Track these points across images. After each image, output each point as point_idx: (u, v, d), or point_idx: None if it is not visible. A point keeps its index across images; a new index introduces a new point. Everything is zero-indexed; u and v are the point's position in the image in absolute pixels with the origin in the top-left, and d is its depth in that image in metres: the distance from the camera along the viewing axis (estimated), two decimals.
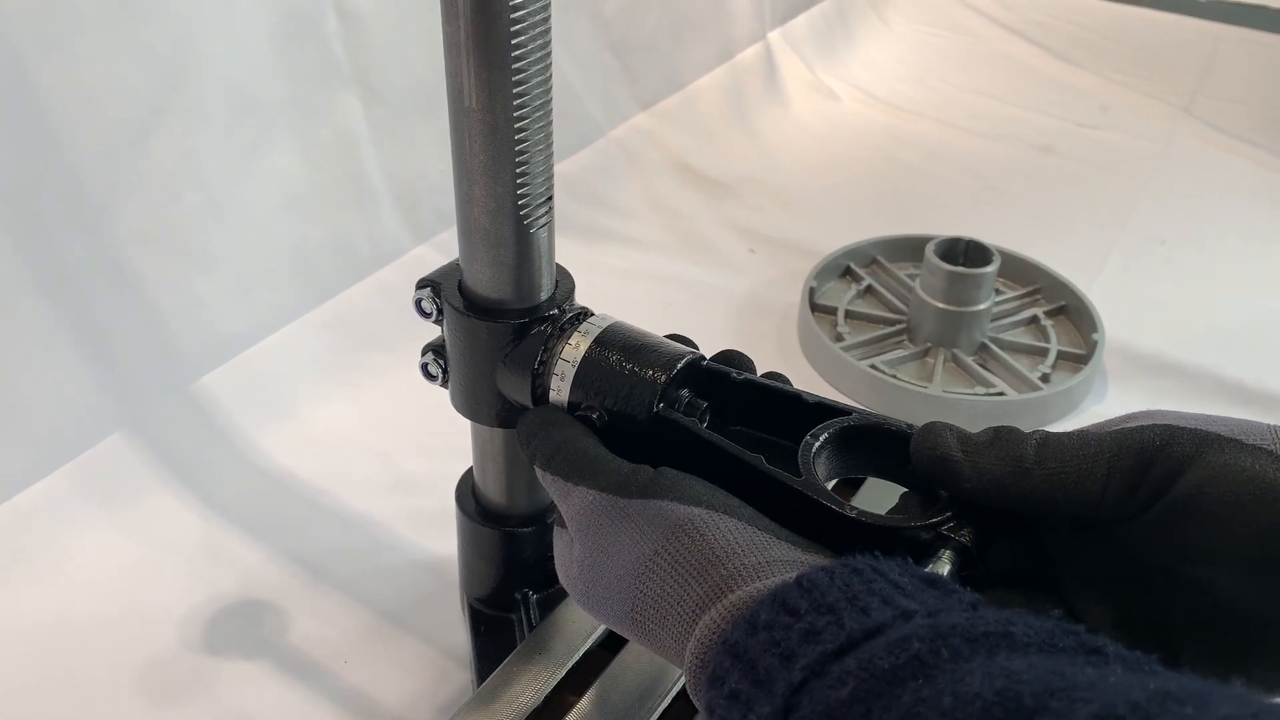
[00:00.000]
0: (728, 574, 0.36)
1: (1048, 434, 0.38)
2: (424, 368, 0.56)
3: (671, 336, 0.50)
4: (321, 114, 0.83)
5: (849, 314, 0.94)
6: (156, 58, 0.71)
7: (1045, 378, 0.87)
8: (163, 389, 0.75)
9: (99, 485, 0.71)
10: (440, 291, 0.53)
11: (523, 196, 0.48)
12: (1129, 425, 0.37)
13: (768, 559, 0.36)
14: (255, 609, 0.66)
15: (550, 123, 0.48)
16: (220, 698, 0.61)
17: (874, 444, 0.44)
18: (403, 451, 0.78)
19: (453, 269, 0.54)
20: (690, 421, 0.45)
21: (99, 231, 0.70)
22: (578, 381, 0.48)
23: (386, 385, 0.83)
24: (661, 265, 1.01)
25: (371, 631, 0.65)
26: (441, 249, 0.92)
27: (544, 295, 0.52)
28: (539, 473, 0.46)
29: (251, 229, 0.80)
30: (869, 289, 0.98)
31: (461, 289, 0.52)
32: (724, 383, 0.47)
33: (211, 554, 0.69)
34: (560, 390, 0.48)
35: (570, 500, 0.43)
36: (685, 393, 0.47)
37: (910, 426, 0.42)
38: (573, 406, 0.48)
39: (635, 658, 0.57)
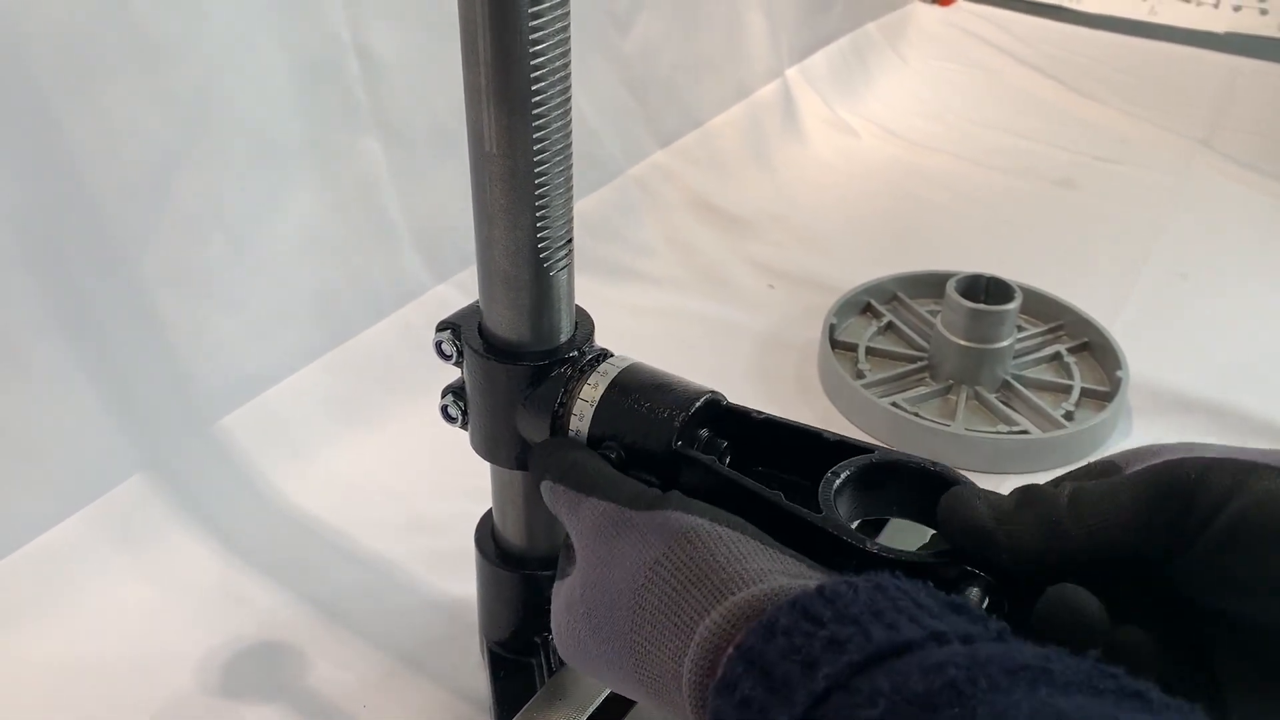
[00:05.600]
0: (728, 577, 0.35)
1: (1077, 487, 0.37)
2: (444, 409, 0.55)
3: None
4: (342, 156, 0.84)
5: (870, 351, 0.94)
6: (179, 101, 0.72)
7: (1069, 415, 0.86)
8: (183, 430, 0.75)
9: (118, 527, 0.71)
10: (460, 334, 0.53)
11: (542, 240, 0.48)
12: (1157, 461, 0.37)
13: (771, 566, 0.36)
14: (273, 652, 0.66)
15: (570, 167, 0.49)
16: None
17: (897, 483, 0.44)
18: (421, 493, 0.78)
19: (472, 311, 0.54)
20: (709, 459, 0.45)
21: (120, 273, 0.71)
22: (596, 422, 0.48)
23: (406, 425, 0.82)
24: (680, 302, 1.01)
25: (390, 675, 0.64)
26: (462, 288, 0.93)
27: (564, 337, 0.52)
28: (548, 491, 0.46)
29: (272, 270, 0.80)
30: (890, 326, 0.97)
31: (481, 331, 0.52)
32: (744, 421, 0.47)
33: (230, 596, 0.69)
34: (579, 432, 0.48)
35: (580, 512, 0.43)
36: (704, 432, 0.47)
37: (934, 465, 0.42)
38: (593, 441, 0.48)
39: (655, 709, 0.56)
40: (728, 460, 0.47)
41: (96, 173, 0.68)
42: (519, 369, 0.50)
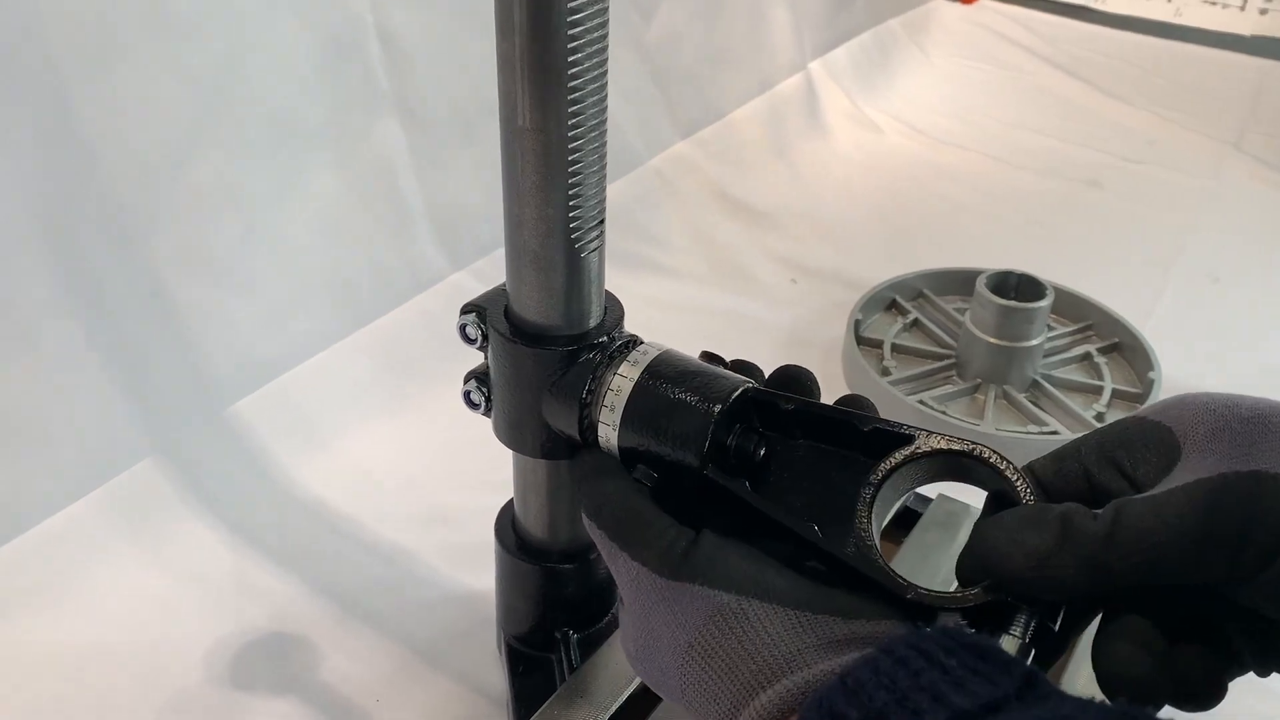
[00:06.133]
0: (759, 668, 0.35)
1: (1118, 510, 0.34)
2: (466, 395, 0.54)
3: (735, 364, 0.48)
4: (362, 138, 0.82)
5: (895, 348, 0.92)
6: (197, 81, 0.70)
7: (1100, 417, 0.84)
8: (195, 415, 0.74)
9: (128, 512, 0.69)
10: (485, 317, 0.51)
11: (574, 220, 0.46)
12: (1204, 465, 0.35)
13: (802, 645, 0.35)
14: (285, 643, 0.64)
15: (604, 144, 0.47)
16: None
17: (942, 469, 0.42)
18: (437, 483, 0.76)
19: (498, 294, 0.52)
20: (737, 485, 0.43)
21: (135, 255, 0.69)
22: (628, 413, 0.46)
23: (422, 414, 0.81)
24: (702, 295, 0.99)
25: (405, 669, 0.62)
26: (480, 276, 0.91)
27: (593, 322, 0.50)
28: (588, 524, 0.44)
29: (289, 253, 0.78)
30: (915, 323, 0.95)
31: (508, 314, 0.50)
32: (774, 411, 0.45)
33: (241, 585, 0.67)
34: (610, 422, 0.46)
35: (617, 567, 0.42)
36: (739, 428, 0.45)
37: (973, 447, 0.40)
38: (625, 453, 0.46)
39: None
40: (763, 451, 0.45)
41: (112, 150, 0.66)
42: (547, 354, 0.48)
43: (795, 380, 0.47)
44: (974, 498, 0.59)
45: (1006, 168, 1.27)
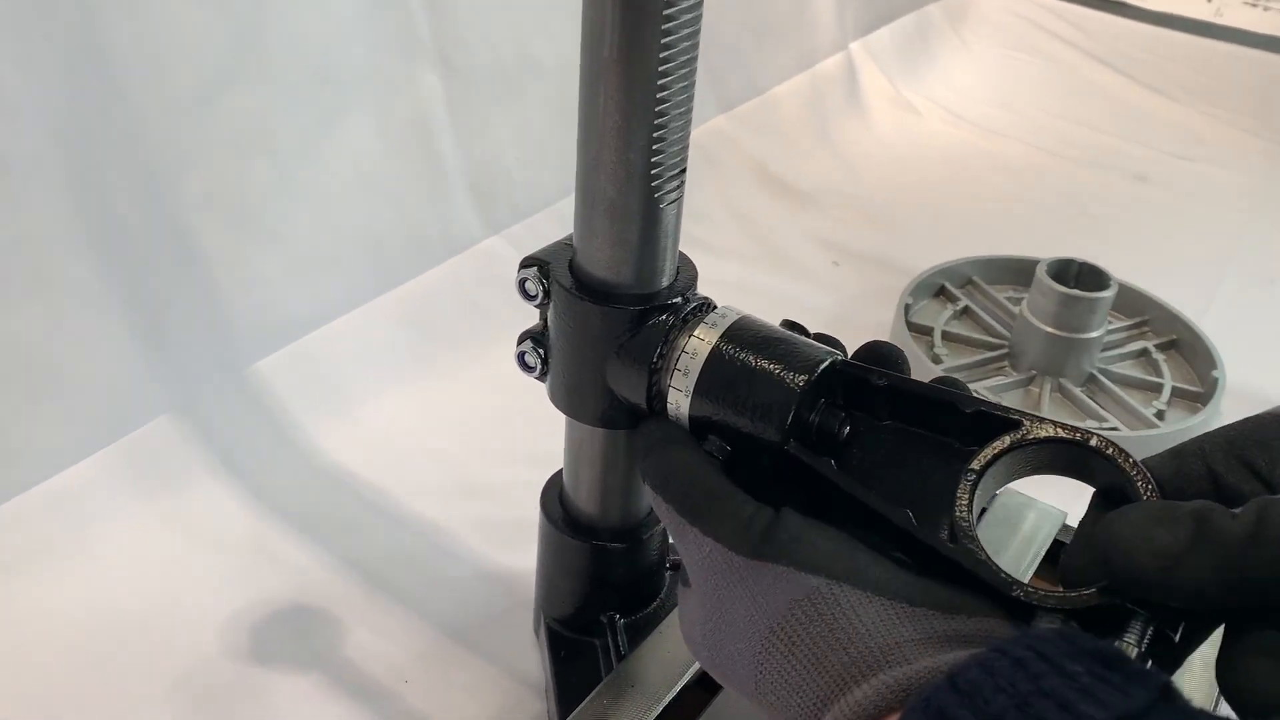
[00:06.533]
0: (851, 660, 0.32)
1: (1263, 510, 0.30)
2: (520, 357, 0.50)
3: (817, 337, 0.44)
4: (400, 88, 0.78)
5: (946, 335, 0.88)
6: (233, 16, 0.66)
7: (1160, 415, 0.80)
8: (216, 371, 0.70)
9: (142, 471, 0.65)
10: (549, 271, 0.47)
11: (656, 165, 0.42)
12: None
13: (900, 638, 0.32)
14: (306, 617, 0.60)
15: (693, 84, 0.43)
16: (265, 714, 0.55)
17: (1050, 461, 0.38)
18: (469, 454, 0.72)
19: (561, 248, 0.48)
20: (823, 464, 0.39)
21: (160, 197, 0.65)
22: (704, 379, 0.42)
23: (454, 381, 0.77)
24: (742, 274, 0.95)
25: (435, 649, 0.58)
26: (514, 243, 0.86)
27: (665, 281, 0.46)
28: (653, 498, 0.41)
29: (320, 205, 0.74)
30: (965, 311, 0.91)
31: (573, 269, 0.46)
32: (864, 388, 0.41)
33: (260, 552, 0.63)
34: (683, 390, 0.42)
35: (687, 543, 0.38)
36: (823, 403, 0.41)
37: (1088, 436, 0.36)
38: (696, 423, 0.42)
39: (739, 697, 0.50)
40: (847, 430, 0.41)
41: (141, 87, 0.62)
42: (616, 312, 0.44)
43: (885, 358, 0.43)
44: (1038, 491, 0.55)
45: (1051, 158, 1.23)
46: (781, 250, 1.00)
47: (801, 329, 0.45)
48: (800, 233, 1.03)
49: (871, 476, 0.40)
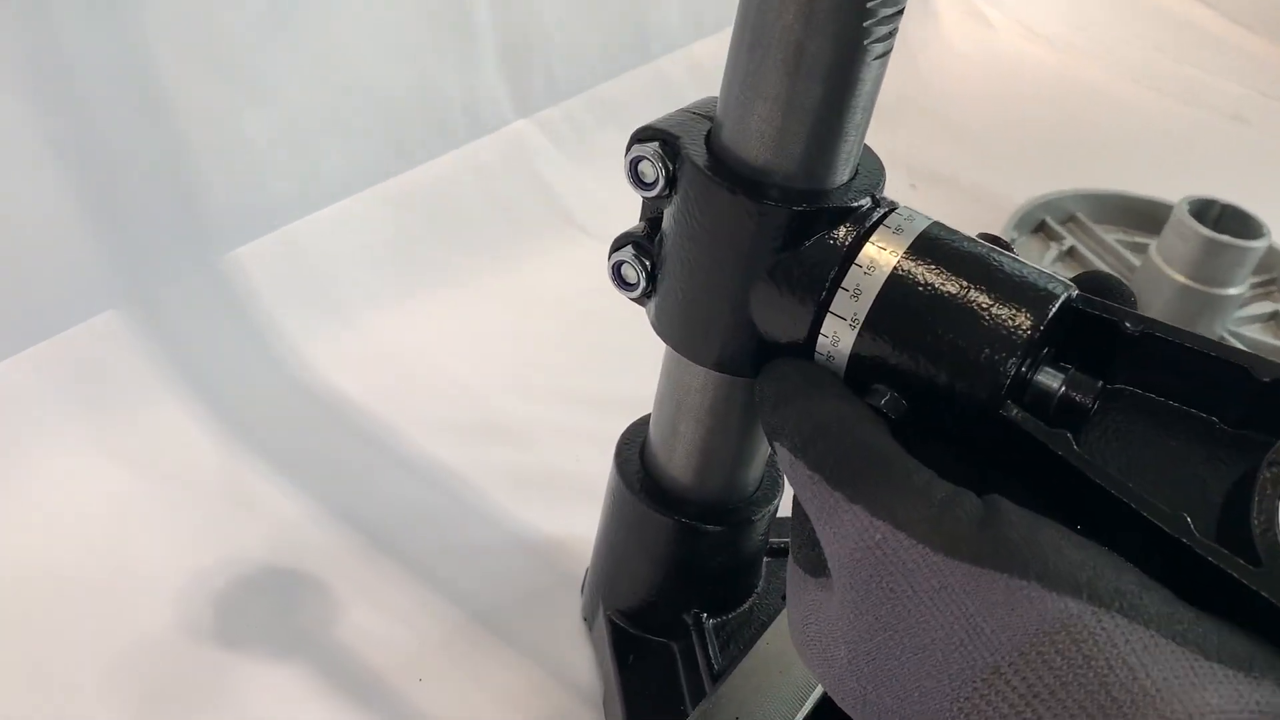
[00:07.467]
0: None
1: None
2: (616, 269, 0.36)
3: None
4: None
5: None
6: None
7: None
8: (182, 256, 0.55)
9: (82, 379, 0.51)
10: (678, 149, 0.33)
11: None
12: None
13: (1203, 707, 0.22)
14: (289, 585, 0.47)
15: None
16: (230, 714, 0.41)
17: None
18: (494, 387, 0.58)
19: (690, 119, 0.34)
20: (1058, 440, 0.27)
21: (121, 31, 0.50)
22: (879, 310, 0.29)
23: (475, 293, 0.62)
24: None
25: (456, 637, 0.45)
26: (547, 129, 0.71)
27: (845, 174, 0.33)
28: (788, 464, 0.29)
29: (320, 57, 0.59)
30: (1071, 251, 0.78)
31: (712, 148, 0.32)
32: (1112, 335, 0.29)
33: (232, 496, 0.49)
34: (847, 318, 0.30)
35: (839, 523, 0.27)
36: (1048, 353, 0.29)
37: None
38: (858, 367, 0.30)
39: None
40: (1083, 397, 0.28)
41: None
42: (776, 211, 0.31)
43: (1111, 295, 0.31)
44: None
45: (1141, 89, 1.10)
46: None
47: (1004, 244, 0.32)
48: (873, 146, 0.89)
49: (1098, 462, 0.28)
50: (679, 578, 0.42)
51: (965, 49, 1.09)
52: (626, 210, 0.35)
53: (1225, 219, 0.70)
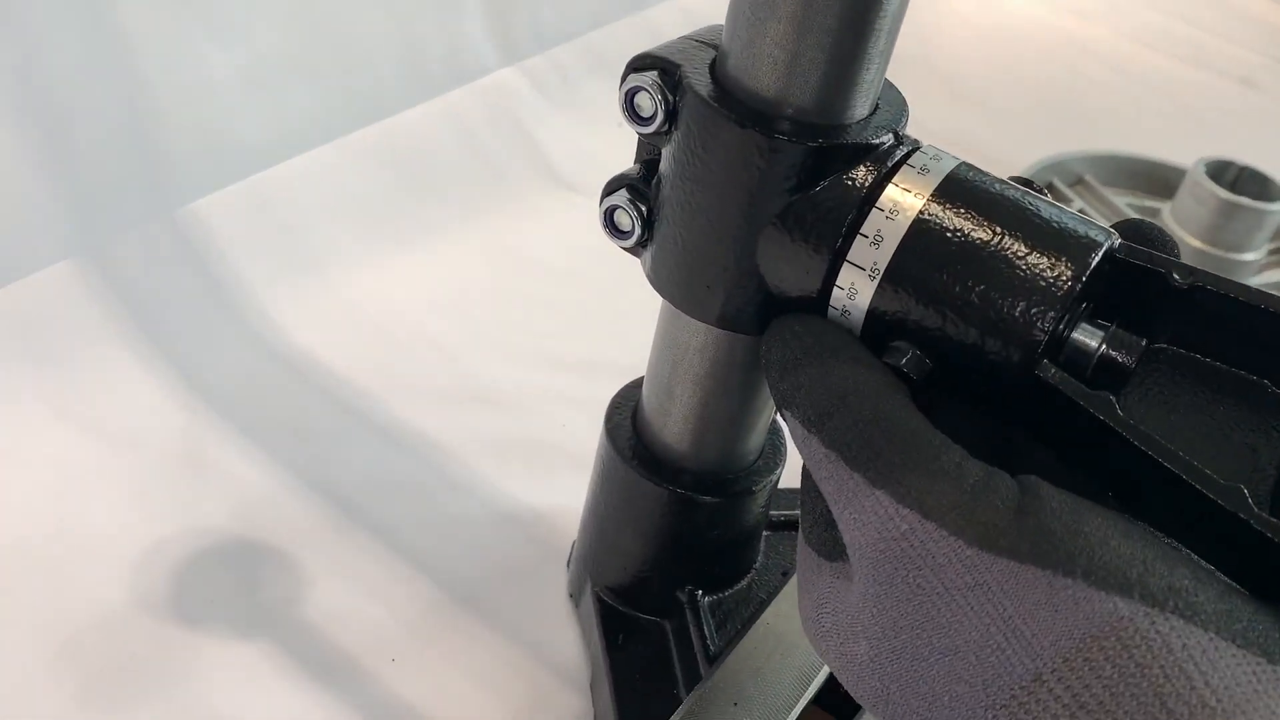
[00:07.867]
0: None
1: None
2: (608, 215, 0.33)
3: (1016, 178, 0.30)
4: None
5: None
6: None
7: None
8: (138, 206, 0.51)
9: (30, 334, 0.48)
10: (680, 78, 0.29)
11: None
12: None
13: (1271, 717, 0.20)
14: (253, 557, 0.43)
15: None
16: (188, 698, 0.38)
17: None
18: (472, 349, 0.55)
19: (693, 47, 0.31)
20: (1099, 403, 0.24)
21: None
22: (901, 259, 0.26)
23: (455, 249, 0.59)
24: None
25: (432, 615, 0.42)
26: (532, 77, 0.68)
27: (865, 108, 0.29)
28: (801, 438, 0.26)
29: None
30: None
31: (717, 77, 0.29)
32: (1156, 288, 0.26)
33: (191, 461, 0.46)
34: (866, 268, 0.27)
35: (860, 510, 0.24)
36: (1087, 308, 0.26)
37: None
38: (877, 323, 0.27)
39: None
40: (1124, 357, 0.26)
41: None
42: (789, 147, 0.27)
43: (1153, 245, 0.28)
44: None
45: (1149, 51, 1.07)
46: None
47: (1037, 188, 0.29)
48: None
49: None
50: (673, 552, 0.39)
51: (970, 8, 1.05)
52: (617, 165, 0.32)
53: (1242, 181, 0.67)
